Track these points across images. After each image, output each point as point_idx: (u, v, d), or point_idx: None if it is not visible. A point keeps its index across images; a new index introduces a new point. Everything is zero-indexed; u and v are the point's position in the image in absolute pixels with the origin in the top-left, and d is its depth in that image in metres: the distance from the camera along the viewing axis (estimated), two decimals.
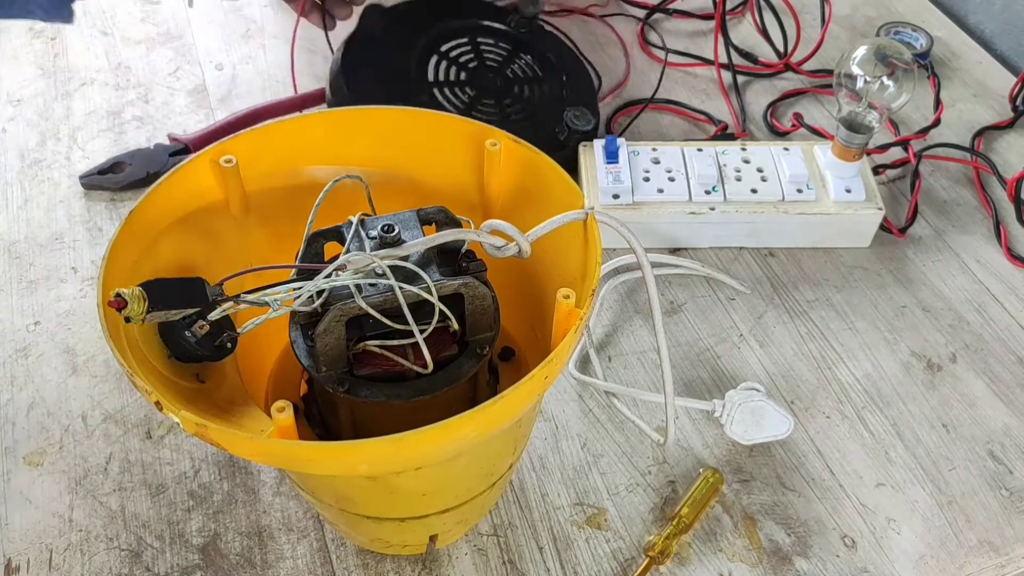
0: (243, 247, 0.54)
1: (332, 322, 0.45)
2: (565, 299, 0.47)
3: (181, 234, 0.51)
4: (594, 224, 0.48)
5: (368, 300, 0.45)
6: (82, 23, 0.96)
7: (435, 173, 0.56)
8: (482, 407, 0.41)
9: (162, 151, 0.81)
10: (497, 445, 0.52)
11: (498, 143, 0.54)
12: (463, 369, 0.48)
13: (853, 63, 0.72)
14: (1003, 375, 0.69)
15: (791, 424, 0.64)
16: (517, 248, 0.48)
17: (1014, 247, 0.78)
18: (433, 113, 0.55)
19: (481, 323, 0.49)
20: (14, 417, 0.65)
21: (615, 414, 0.66)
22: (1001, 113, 0.90)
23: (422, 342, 0.45)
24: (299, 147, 0.55)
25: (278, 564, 0.58)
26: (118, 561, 0.58)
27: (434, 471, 0.49)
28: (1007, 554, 0.60)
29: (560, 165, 0.52)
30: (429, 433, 0.40)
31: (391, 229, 0.47)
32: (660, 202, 0.75)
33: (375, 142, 0.55)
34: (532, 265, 0.51)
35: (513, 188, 0.55)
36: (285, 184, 0.55)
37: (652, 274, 0.51)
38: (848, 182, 0.76)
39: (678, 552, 0.59)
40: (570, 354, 0.47)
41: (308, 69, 0.92)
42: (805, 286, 0.75)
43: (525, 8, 0.83)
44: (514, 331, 0.58)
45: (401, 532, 0.55)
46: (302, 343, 0.48)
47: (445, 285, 0.46)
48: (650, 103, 0.88)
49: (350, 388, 0.47)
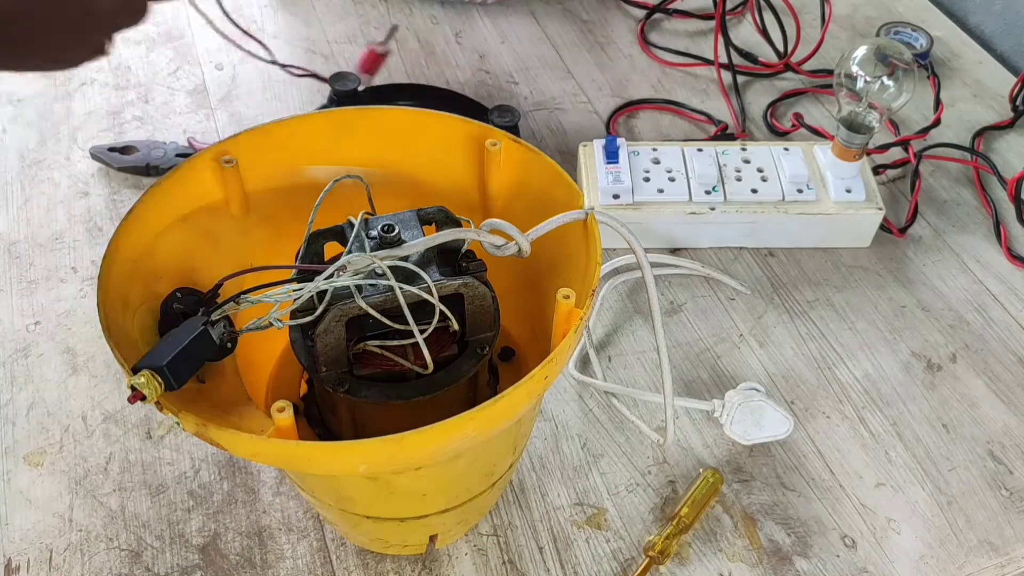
0: (244, 246, 0.54)
1: (332, 322, 0.45)
2: (565, 299, 0.47)
3: (181, 234, 0.51)
4: (594, 224, 0.48)
5: (368, 300, 0.45)
6: None
7: (435, 173, 0.56)
8: (482, 407, 0.41)
9: (173, 149, 0.82)
10: (497, 445, 0.52)
11: (498, 143, 0.54)
12: (463, 369, 0.48)
13: (853, 63, 0.72)
14: (1003, 375, 0.69)
15: (791, 424, 0.64)
16: (517, 247, 0.48)
17: (1014, 247, 0.78)
18: (433, 113, 0.55)
19: (481, 323, 0.49)
20: (14, 417, 0.65)
21: (615, 414, 0.66)
22: (1001, 113, 0.90)
23: (422, 342, 0.45)
24: (299, 147, 0.55)
25: (278, 564, 0.58)
26: (118, 561, 0.58)
27: (434, 471, 0.49)
28: (1007, 554, 0.60)
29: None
30: (429, 433, 0.40)
31: (391, 229, 0.47)
32: (660, 202, 0.75)
33: (375, 142, 0.55)
34: (532, 265, 0.51)
35: (513, 188, 0.55)
36: (285, 184, 0.55)
37: (652, 274, 0.51)
38: (848, 182, 0.76)
39: (678, 552, 0.59)
40: (570, 354, 0.47)
41: (309, 69, 0.92)
42: (805, 286, 0.75)
43: (496, 117, 0.79)
44: (514, 331, 0.58)
45: (401, 532, 0.55)
46: (302, 343, 0.48)
47: (445, 285, 0.46)
48: (650, 103, 0.88)
49: (350, 388, 0.47)
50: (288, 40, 0.95)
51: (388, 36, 0.82)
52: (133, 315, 0.47)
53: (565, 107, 0.89)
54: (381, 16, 0.99)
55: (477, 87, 0.90)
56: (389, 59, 0.89)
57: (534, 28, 0.98)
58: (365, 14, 0.99)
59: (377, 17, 0.98)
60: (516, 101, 0.89)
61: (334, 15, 0.99)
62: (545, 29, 0.98)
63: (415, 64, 0.93)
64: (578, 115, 0.88)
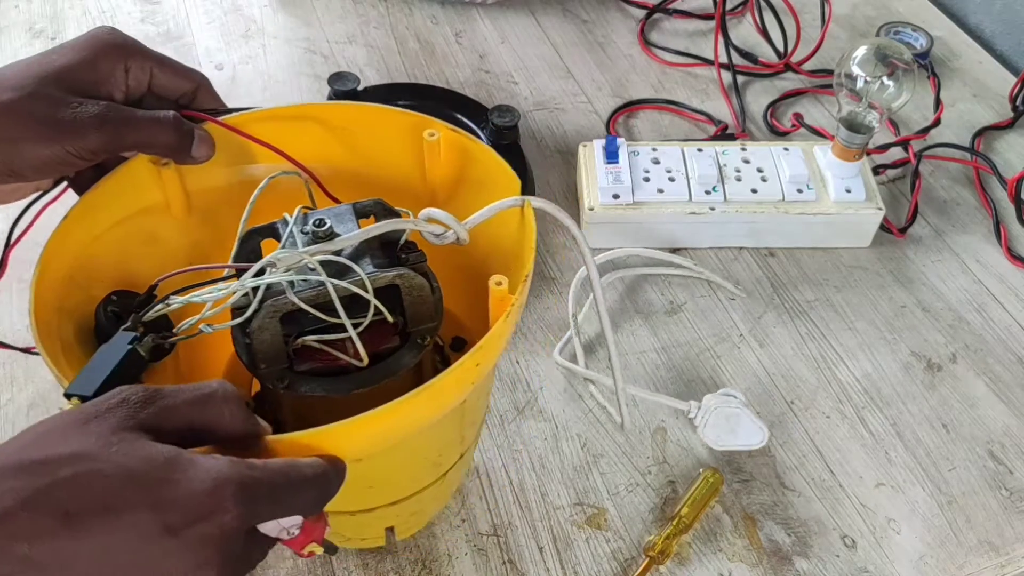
0: (188, 247, 0.54)
1: (266, 319, 0.45)
2: (497, 286, 0.46)
3: (121, 237, 0.51)
4: (530, 211, 0.48)
5: (301, 295, 0.45)
6: (82, 23, 0.96)
7: (379, 166, 0.56)
8: (406, 397, 0.40)
9: None
10: (440, 435, 0.51)
11: (436, 133, 0.53)
12: (403, 361, 0.48)
13: (853, 63, 0.72)
14: (1003, 375, 0.69)
15: (765, 436, 0.63)
16: (455, 236, 0.47)
17: (1014, 247, 0.78)
18: (371, 106, 0.55)
19: (422, 314, 0.48)
20: (14, 417, 0.65)
21: (615, 414, 0.66)
22: (1001, 113, 0.90)
23: (354, 336, 0.45)
24: (240, 145, 0.54)
25: (278, 564, 0.58)
26: None
27: (376, 463, 0.48)
28: (1007, 554, 0.60)
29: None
30: (353, 425, 0.40)
31: (323, 223, 0.46)
32: (660, 202, 0.75)
33: (317, 138, 0.55)
34: (478, 254, 0.51)
35: (455, 177, 0.55)
36: (228, 183, 0.54)
37: (592, 259, 0.51)
38: (848, 182, 0.76)
39: (678, 552, 0.59)
40: (505, 341, 0.46)
41: (308, 69, 0.92)
42: (805, 286, 0.75)
43: (496, 117, 0.78)
44: (467, 321, 0.57)
45: (354, 525, 0.54)
46: (242, 340, 0.47)
47: (379, 277, 0.46)
48: (650, 103, 0.88)
49: (290, 384, 0.47)
50: (288, 40, 0.95)
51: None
52: (70, 319, 0.47)
53: (565, 107, 0.89)
54: (381, 16, 0.99)
55: (477, 87, 0.90)
56: (389, 59, 0.89)
57: (534, 28, 0.98)
58: (365, 14, 0.99)
59: (377, 17, 0.98)
60: (516, 101, 0.89)
61: (334, 15, 0.99)
62: (545, 29, 0.98)
63: (415, 64, 0.93)
64: (578, 115, 0.88)
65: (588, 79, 0.92)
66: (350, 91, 0.80)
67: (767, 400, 0.67)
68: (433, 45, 0.95)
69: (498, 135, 0.78)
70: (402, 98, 0.83)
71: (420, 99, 0.84)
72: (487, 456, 0.64)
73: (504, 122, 0.77)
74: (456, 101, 0.84)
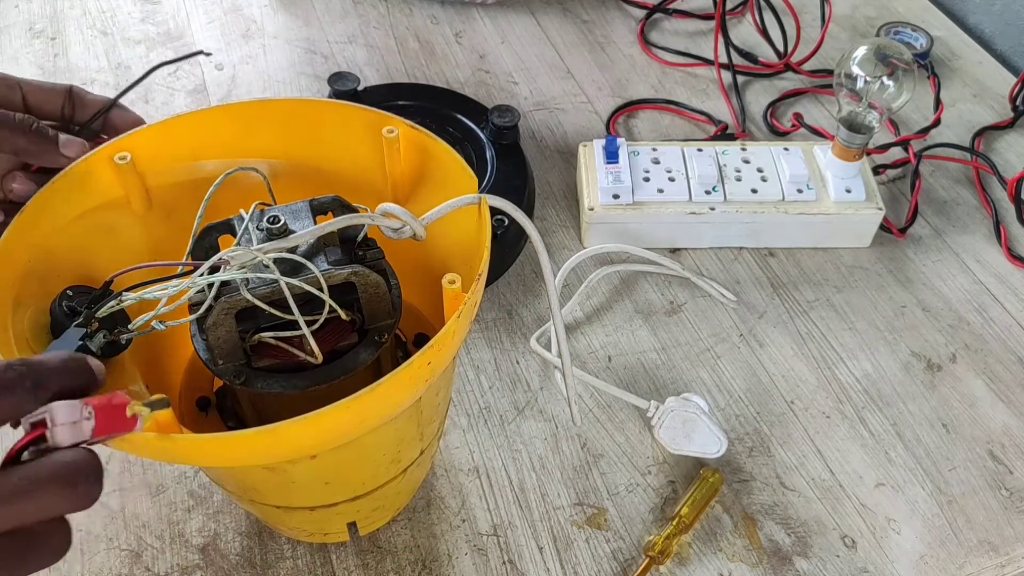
0: (148, 243, 0.54)
1: (220, 315, 0.45)
2: (451, 284, 0.46)
3: (79, 232, 0.51)
4: (486, 208, 0.48)
5: (255, 292, 0.44)
6: (82, 23, 0.96)
7: (339, 161, 0.56)
8: (357, 395, 0.40)
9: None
10: (397, 432, 0.51)
11: (395, 130, 0.53)
12: (359, 358, 0.48)
13: (853, 63, 0.72)
14: (1003, 375, 0.69)
15: (723, 446, 0.63)
16: (411, 231, 0.47)
17: (1014, 247, 0.78)
18: (331, 102, 0.55)
19: (379, 311, 0.48)
20: None
21: (615, 414, 0.66)
22: (1001, 113, 0.90)
23: (308, 333, 0.45)
24: (199, 141, 0.54)
25: (278, 564, 0.58)
26: (118, 561, 0.58)
27: (329, 460, 0.48)
28: (1007, 554, 0.60)
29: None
30: (303, 423, 0.39)
31: (276, 220, 0.46)
32: (660, 202, 0.75)
33: (277, 134, 0.55)
34: (439, 252, 0.51)
35: (414, 174, 0.55)
36: (187, 179, 0.54)
37: (542, 245, 0.51)
38: (848, 182, 0.76)
39: (678, 552, 0.59)
40: (459, 339, 0.46)
41: (308, 69, 0.92)
42: (805, 286, 0.75)
43: (496, 117, 0.78)
44: (432, 318, 0.57)
45: (315, 521, 0.54)
46: (199, 337, 0.47)
47: (334, 274, 0.46)
48: (650, 103, 0.88)
49: (246, 380, 0.47)
50: (288, 40, 0.95)
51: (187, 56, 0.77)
52: (26, 312, 0.46)
53: (565, 107, 0.89)
54: (381, 16, 0.99)
55: (477, 87, 0.90)
56: (389, 59, 0.89)
57: (534, 28, 0.98)
58: (365, 14, 0.99)
59: (377, 17, 0.98)
60: (516, 101, 0.89)
61: (334, 15, 0.99)
62: (545, 29, 0.98)
63: (415, 64, 0.93)
64: (578, 115, 0.88)
65: (588, 79, 0.92)
66: (350, 91, 0.80)
67: (767, 400, 0.67)
68: (433, 45, 0.95)
69: (498, 135, 0.78)
70: (402, 98, 0.84)
71: (420, 99, 0.84)
72: (487, 456, 0.64)
73: (504, 122, 0.78)
74: (456, 101, 0.84)
